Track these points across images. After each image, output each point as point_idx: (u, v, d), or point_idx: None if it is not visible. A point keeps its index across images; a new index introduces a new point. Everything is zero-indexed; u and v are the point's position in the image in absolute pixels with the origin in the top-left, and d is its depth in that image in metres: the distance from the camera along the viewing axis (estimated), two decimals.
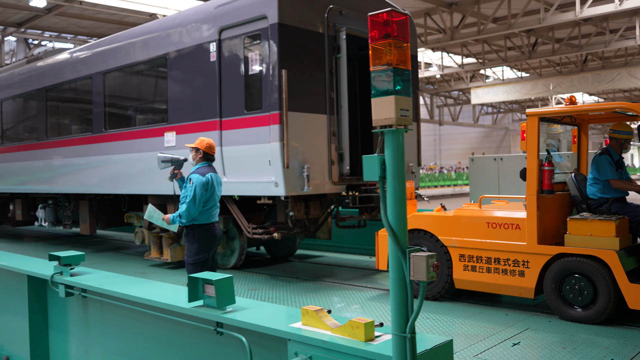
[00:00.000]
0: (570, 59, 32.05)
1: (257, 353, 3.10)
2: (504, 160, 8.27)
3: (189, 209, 5.20)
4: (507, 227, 5.31)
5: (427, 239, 5.86)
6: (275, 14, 6.28)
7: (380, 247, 6.25)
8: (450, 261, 5.66)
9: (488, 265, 5.41)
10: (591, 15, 19.28)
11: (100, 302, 4.49)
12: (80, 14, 21.25)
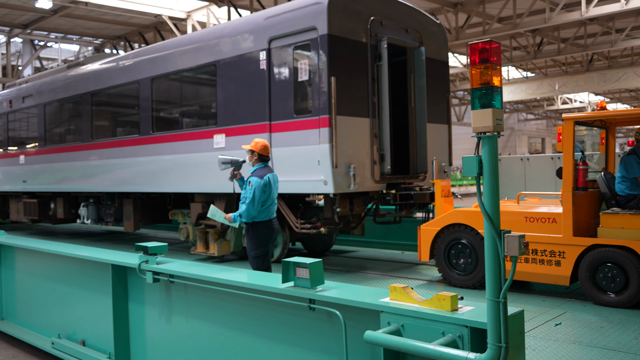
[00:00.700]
0: (576, 59, 32.14)
1: (350, 325, 3.63)
2: (530, 160, 8.78)
3: (248, 209, 5.71)
4: (544, 221, 5.83)
5: (467, 232, 6.38)
6: (325, 25, 6.82)
7: (422, 241, 6.77)
8: None
9: (526, 256, 5.93)
10: (597, 15, 19.25)
11: (184, 286, 5.02)
12: (86, 15, 21.62)
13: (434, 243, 6.66)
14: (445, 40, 8.75)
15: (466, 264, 6.42)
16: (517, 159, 8.84)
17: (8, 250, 8.03)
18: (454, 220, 6.47)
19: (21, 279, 7.84)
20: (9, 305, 8.04)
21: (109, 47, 26.67)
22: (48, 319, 7.05)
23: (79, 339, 6.44)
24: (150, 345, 5.52)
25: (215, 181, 8.30)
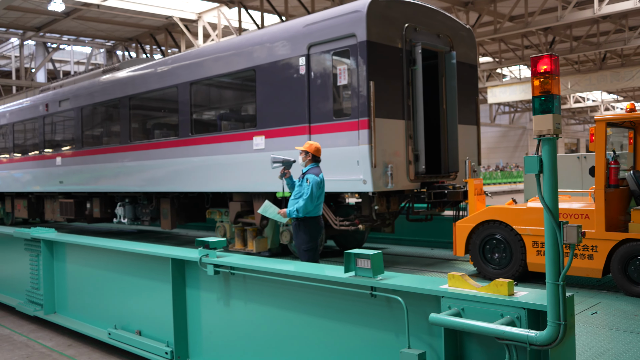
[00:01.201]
0: (589, 57, 32.13)
1: (411, 310, 3.99)
2: (558, 160, 9.08)
3: (306, 204, 6.10)
4: (577, 217, 6.16)
5: (502, 228, 6.72)
6: (364, 32, 7.19)
7: (457, 237, 7.11)
8: (524, 247, 6.52)
9: None
10: (610, 13, 19.03)
11: (243, 278, 5.40)
12: (98, 17, 21.96)
13: (469, 239, 7.00)
14: (474, 44, 9.09)
15: (500, 258, 6.75)
16: None
17: (59, 246, 8.46)
18: (488, 217, 6.81)
19: (72, 274, 8.27)
20: (60, 299, 8.47)
21: (120, 49, 27.14)
22: (102, 312, 7.46)
23: (135, 329, 6.83)
24: (208, 333, 5.91)
25: (254, 181, 8.70)
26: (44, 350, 7.35)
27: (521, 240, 6.53)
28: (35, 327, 8.47)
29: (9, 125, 15.62)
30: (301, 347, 4.88)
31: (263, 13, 19.23)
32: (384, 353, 4.24)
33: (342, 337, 4.53)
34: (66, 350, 7.33)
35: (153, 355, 6.32)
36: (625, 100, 53.52)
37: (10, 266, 9.70)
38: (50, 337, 7.85)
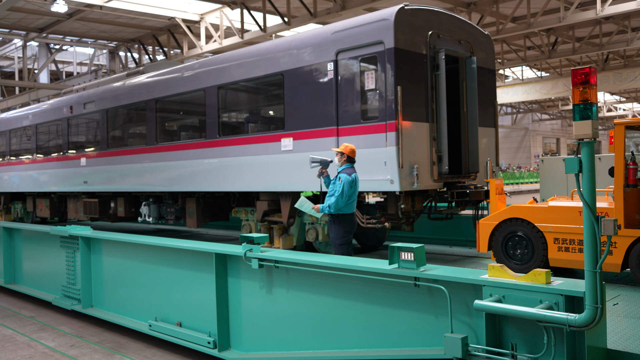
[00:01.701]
0: (591, 58, 31.90)
1: (453, 298, 4.36)
2: None
3: (337, 201, 6.50)
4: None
5: (524, 226, 7.08)
6: (392, 40, 7.56)
7: (481, 234, 7.48)
8: (545, 244, 6.88)
9: (580, 247, 6.62)
10: (612, 14, 18.97)
11: (286, 270, 5.78)
12: (100, 18, 21.92)
13: (492, 236, 7.37)
14: (492, 49, 9.46)
15: (523, 254, 7.12)
16: (560, 159, 9.52)
17: (96, 243, 8.85)
18: (511, 214, 7.17)
19: (109, 269, 8.66)
20: (97, 294, 8.86)
21: (123, 50, 27.17)
22: (141, 305, 7.84)
23: (176, 321, 7.21)
24: (250, 323, 6.28)
25: (282, 181, 9.08)
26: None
27: (543, 237, 6.89)
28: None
29: (31, 127, 16.03)
30: (344, 333, 5.26)
31: (265, 14, 19.38)
32: (424, 337, 4.61)
33: (383, 324, 4.91)
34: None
35: (196, 345, 6.71)
36: (627, 102, 53.57)
37: (46, 263, 10.10)
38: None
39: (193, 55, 23.55)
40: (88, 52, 32.74)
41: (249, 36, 20.54)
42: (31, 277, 10.74)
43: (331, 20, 20.83)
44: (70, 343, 7.67)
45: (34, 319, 9.13)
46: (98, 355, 7.07)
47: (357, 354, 5.10)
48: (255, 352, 6.22)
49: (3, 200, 18.54)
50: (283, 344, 5.94)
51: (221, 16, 20.71)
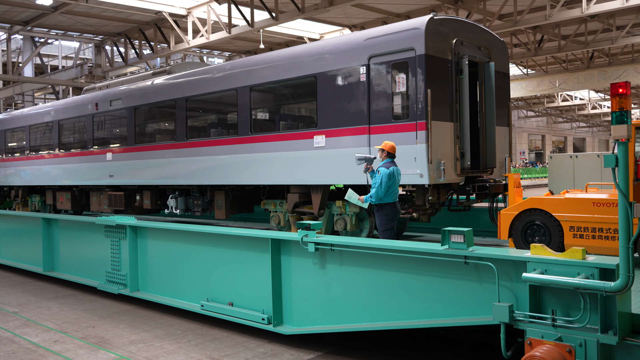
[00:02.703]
0: (577, 56, 32.31)
1: (500, 273, 5.14)
2: (578, 158, 10.31)
3: (377, 192, 7.30)
4: (609, 206, 7.35)
5: (542, 215, 7.90)
6: (423, 47, 8.33)
7: (502, 223, 8.29)
8: (562, 231, 7.70)
9: (593, 234, 7.45)
10: (598, 12, 19.13)
11: (339, 253, 6.54)
12: (86, 12, 21.56)
13: (512, 224, 8.18)
14: (507, 55, 10.26)
15: (540, 241, 7.93)
16: (567, 156, 10.37)
17: (143, 231, 9.54)
18: (530, 205, 7.99)
19: (156, 256, 9.37)
20: (143, 279, 9.56)
21: (109, 44, 26.86)
22: (190, 288, 8.56)
23: (227, 301, 7.94)
24: (303, 301, 7.05)
25: (314, 175, 9.81)
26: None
27: (559, 225, 7.71)
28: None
29: (53, 123, 16.60)
30: (395, 307, 6.03)
31: (253, 9, 19.37)
32: (472, 308, 5.40)
33: (433, 297, 5.69)
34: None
35: (250, 321, 7.46)
36: None
37: (88, 251, 10.77)
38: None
39: (180, 50, 23.26)
40: (73, 46, 32.57)
41: (236, 31, 20.38)
42: (71, 264, 11.40)
43: (319, 16, 21.25)
44: (54, 338, 7.73)
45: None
46: (82, 350, 7.17)
47: (411, 324, 5.89)
48: (307, 326, 6.98)
49: (20, 194, 19.07)
50: (334, 319, 6.70)
51: (208, 11, 20.66)
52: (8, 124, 19.19)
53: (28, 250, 12.44)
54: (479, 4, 21.38)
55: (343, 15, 23.02)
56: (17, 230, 13.11)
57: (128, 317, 8.79)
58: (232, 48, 30.31)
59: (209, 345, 7.27)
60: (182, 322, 8.40)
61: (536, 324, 4.83)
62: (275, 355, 6.79)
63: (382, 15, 23.36)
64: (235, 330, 7.78)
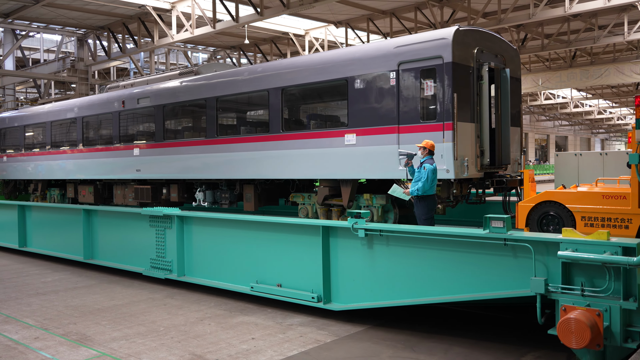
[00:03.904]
0: (559, 55, 32.77)
1: (536, 252, 6.11)
2: (582, 156, 11.37)
3: (423, 185, 8.26)
4: (616, 198, 8.37)
5: (556, 207, 8.91)
6: (450, 55, 9.29)
7: (519, 213, 9.28)
8: (574, 221, 8.72)
9: (602, 223, 8.48)
10: (580, 11, 19.56)
11: (386, 238, 7.48)
12: (69, 4, 21.21)
13: (529, 215, 9.18)
14: (519, 61, 11.26)
15: (555, 229, 8.94)
16: (572, 154, 11.40)
17: (189, 221, 10.39)
18: (545, 198, 9.00)
19: (201, 243, 10.22)
20: (189, 265, 10.42)
21: (92, 38, 26.55)
22: (239, 272, 9.43)
23: (276, 283, 8.84)
24: (350, 281, 7.98)
25: (344, 170, 10.73)
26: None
27: (572, 215, 8.73)
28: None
29: (77, 119, 17.32)
30: (438, 284, 6.99)
31: (238, 4, 19.33)
32: (511, 283, 6.37)
33: (475, 274, 6.66)
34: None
35: (300, 300, 8.38)
36: (594, 98, 55.25)
37: (131, 240, 11.58)
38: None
39: (164, 44, 23.03)
40: (56, 39, 32.10)
41: (221, 26, 20.28)
42: (111, 252, 12.20)
43: (304, 11, 21.39)
44: (35, 335, 7.67)
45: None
46: (63, 347, 7.11)
47: (453, 298, 6.85)
48: (354, 303, 7.92)
49: (40, 187, 19.74)
50: (380, 296, 7.64)
51: (193, 5, 20.54)
52: (28, 120, 19.84)
53: (68, 240, 13.20)
54: (464, 2, 21.75)
55: (328, 11, 23.29)
56: (57, 221, 13.84)
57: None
58: (216, 43, 30.39)
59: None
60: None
61: (567, 294, 5.80)
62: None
63: (367, 11, 23.57)
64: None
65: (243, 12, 19.96)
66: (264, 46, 30.29)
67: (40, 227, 14.46)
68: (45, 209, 14.32)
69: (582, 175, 11.22)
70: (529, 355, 6.43)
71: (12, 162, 20.71)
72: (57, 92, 37.29)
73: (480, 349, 6.76)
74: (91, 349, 7.06)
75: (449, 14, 22.90)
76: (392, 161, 9.95)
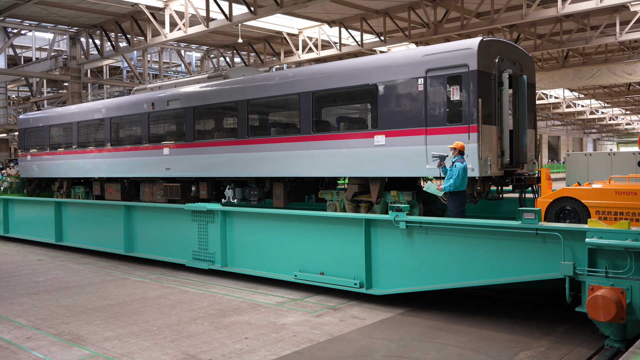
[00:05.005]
0: (552, 55, 33.21)
1: (565, 240, 7.00)
2: (592, 156, 12.33)
3: (455, 182, 9.14)
4: (628, 194, 9.29)
5: (572, 202, 9.83)
6: (475, 64, 10.17)
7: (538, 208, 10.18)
8: (589, 215, 9.63)
9: (615, 216, 9.39)
10: (573, 12, 19.66)
11: (425, 229, 8.36)
12: (61, 2, 21.18)
13: (547, 210, 10.09)
14: (533, 68, 12.17)
15: (571, 223, 9.86)
16: (582, 154, 12.35)
17: (230, 215, 11.23)
18: (562, 194, 9.92)
19: (243, 236, 11.07)
20: (231, 256, 11.27)
21: (84, 37, 26.52)
22: (282, 261, 10.28)
23: (319, 271, 9.70)
24: (390, 268, 8.85)
25: (373, 168, 11.59)
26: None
27: (587, 210, 9.65)
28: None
29: (105, 120, 18.09)
30: (474, 270, 7.88)
31: (231, 3, 19.40)
32: (541, 267, 7.26)
33: (508, 260, 7.55)
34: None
35: (343, 286, 9.26)
36: (586, 98, 55.75)
37: (174, 234, 12.40)
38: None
39: (157, 43, 23.05)
40: (48, 37, 32.20)
41: (214, 25, 20.35)
42: (150, 246, 13.02)
43: (298, 11, 21.67)
44: (27, 335, 7.67)
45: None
46: (56, 347, 7.12)
47: (487, 282, 7.74)
48: (394, 288, 8.79)
49: (65, 185, 20.49)
50: (419, 281, 8.52)
51: (186, 3, 20.50)
52: (53, 120, 20.58)
53: (107, 234, 14.00)
54: (457, 2, 22.03)
55: (322, 10, 23.59)
56: (95, 217, 14.63)
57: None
58: (210, 42, 30.58)
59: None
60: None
61: (593, 275, 6.70)
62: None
63: (360, 11, 23.87)
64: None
65: (236, 11, 20.00)
66: (258, 45, 30.43)
67: (77, 223, 15.26)
68: (86, 205, 15.11)
69: (591, 174, 12.15)
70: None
71: (36, 161, 21.45)
72: (49, 90, 37.31)
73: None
74: (84, 348, 7.07)
75: (442, 13, 23.18)
76: (419, 160, 10.81)
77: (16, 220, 17.76)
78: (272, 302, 9.18)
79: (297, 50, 27.93)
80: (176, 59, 36.99)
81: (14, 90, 43.56)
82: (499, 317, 7.99)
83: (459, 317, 8.10)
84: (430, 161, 10.59)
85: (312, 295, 9.61)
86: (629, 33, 24.72)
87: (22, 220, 17.54)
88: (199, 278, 11.31)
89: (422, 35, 24.32)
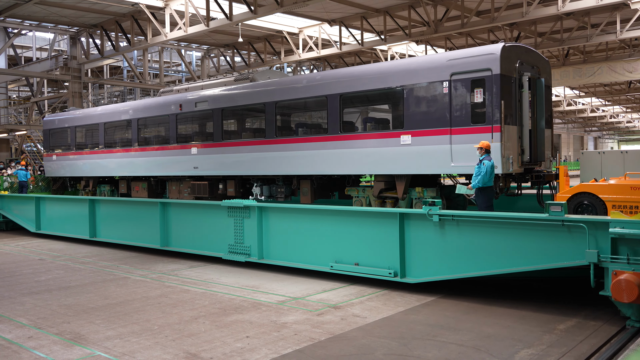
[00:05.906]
0: (552, 53, 33.47)
1: (590, 230, 7.69)
2: (605, 154, 13.04)
3: (483, 178, 9.87)
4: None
5: (589, 197, 10.53)
6: (498, 68, 10.88)
7: None
8: (606, 209, 10.33)
9: (631, 210, 10.09)
10: (573, 10, 19.73)
11: (457, 222, 9.06)
12: (61, 2, 21.37)
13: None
14: (550, 71, 12.87)
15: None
16: (596, 153, 13.06)
17: (266, 211, 11.91)
18: (580, 190, 10.63)
19: (279, 230, 11.74)
20: (267, 249, 11.95)
21: (85, 36, 26.70)
22: (318, 254, 10.96)
23: (354, 262, 10.39)
24: (423, 259, 9.54)
25: (399, 166, 12.30)
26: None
27: (604, 204, 10.35)
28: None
29: (132, 121, 18.80)
30: (504, 259, 8.57)
31: (231, 2, 19.55)
32: (567, 255, 7.96)
33: (537, 249, 8.24)
34: None
35: (378, 276, 9.95)
36: (587, 96, 55.63)
37: (210, 229, 13.10)
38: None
39: (157, 42, 23.20)
40: (48, 37, 32.41)
41: (214, 24, 20.51)
42: (185, 240, 13.72)
43: (298, 10, 21.92)
44: (28, 334, 7.62)
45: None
46: (57, 346, 7.06)
47: (516, 269, 8.44)
48: (426, 277, 9.49)
49: (92, 184, 21.20)
50: (451, 270, 9.21)
51: (186, 3, 20.69)
52: (79, 121, 21.30)
53: (142, 230, 14.71)
54: (457, 1, 22.24)
55: (322, 9, 23.87)
56: (128, 214, 15.34)
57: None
58: (210, 41, 30.86)
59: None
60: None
61: (616, 262, 7.40)
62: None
63: (361, 10, 24.10)
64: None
65: (237, 10, 20.18)
66: (258, 44, 30.68)
67: (110, 220, 15.97)
68: (123, 203, 15.81)
69: (604, 171, 12.85)
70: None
71: (62, 161, 22.17)
72: (49, 90, 37.56)
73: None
74: (85, 347, 7.05)
75: (443, 12, 23.38)
76: (444, 158, 11.51)
77: (48, 218, 18.46)
78: (273, 301, 9.19)
79: (298, 50, 28.22)
80: (176, 58, 37.36)
81: (15, 90, 43.65)
82: (501, 316, 8.26)
83: (460, 315, 8.33)
84: (454, 159, 11.30)
85: (313, 294, 9.73)
86: (630, 31, 24.94)
87: (54, 217, 18.24)
88: (199, 277, 11.37)
89: (422, 33, 24.49)
